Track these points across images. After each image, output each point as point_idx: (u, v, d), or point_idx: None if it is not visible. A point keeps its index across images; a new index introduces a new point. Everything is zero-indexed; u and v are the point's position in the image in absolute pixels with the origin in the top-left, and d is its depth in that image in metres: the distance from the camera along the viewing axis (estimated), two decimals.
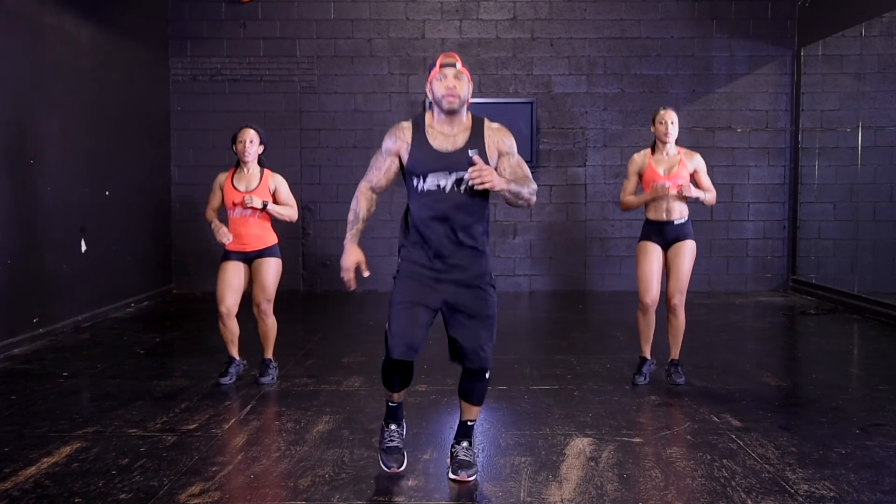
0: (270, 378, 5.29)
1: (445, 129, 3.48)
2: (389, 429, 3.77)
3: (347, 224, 3.64)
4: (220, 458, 3.88)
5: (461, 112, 3.47)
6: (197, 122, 9.49)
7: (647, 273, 5.21)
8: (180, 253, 9.60)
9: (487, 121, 3.55)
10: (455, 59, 3.45)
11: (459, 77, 3.41)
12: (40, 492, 3.45)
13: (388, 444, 3.73)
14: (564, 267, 9.66)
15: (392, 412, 3.79)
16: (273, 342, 5.37)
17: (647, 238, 5.27)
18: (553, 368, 5.74)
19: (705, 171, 5.32)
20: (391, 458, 3.69)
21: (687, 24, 9.56)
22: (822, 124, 9.38)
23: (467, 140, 3.45)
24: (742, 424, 4.41)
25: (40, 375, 5.54)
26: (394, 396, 3.75)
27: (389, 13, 9.55)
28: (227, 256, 5.24)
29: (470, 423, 3.74)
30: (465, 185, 3.40)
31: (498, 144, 3.49)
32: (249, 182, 5.22)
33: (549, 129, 9.56)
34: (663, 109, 5.25)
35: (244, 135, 5.20)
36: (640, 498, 3.41)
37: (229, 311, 5.19)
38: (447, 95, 3.39)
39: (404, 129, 3.53)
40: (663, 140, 5.21)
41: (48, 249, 6.84)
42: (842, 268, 9.06)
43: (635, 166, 5.31)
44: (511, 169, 3.50)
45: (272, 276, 5.25)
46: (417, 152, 3.46)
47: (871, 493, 3.45)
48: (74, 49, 7.38)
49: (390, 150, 3.55)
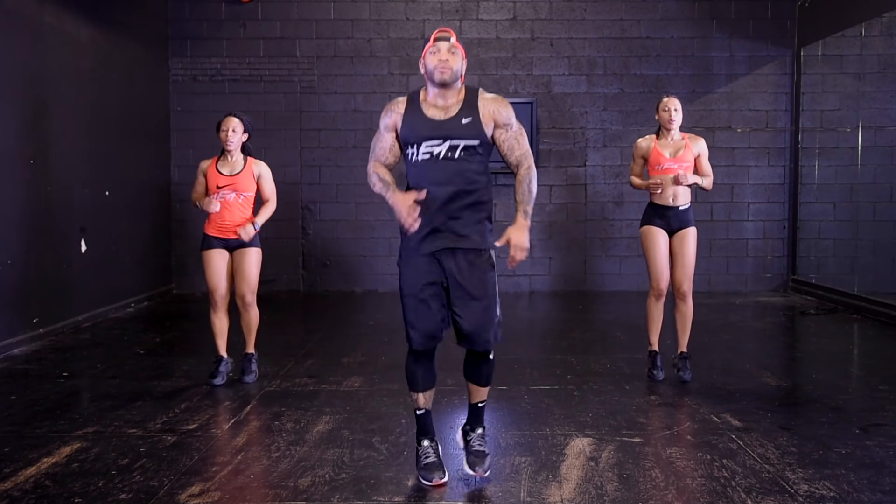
0: (254, 375, 5.33)
1: (439, 101, 3.45)
2: (422, 446, 3.62)
3: (381, 192, 3.50)
4: (220, 458, 3.88)
5: (454, 85, 3.44)
6: (197, 122, 9.49)
7: (659, 258, 5.28)
8: (180, 253, 9.60)
9: (483, 91, 3.52)
10: (449, 33, 3.43)
11: (453, 52, 3.39)
12: (40, 492, 3.45)
13: (424, 462, 3.58)
14: (564, 267, 9.66)
15: (421, 424, 3.65)
16: (255, 335, 5.41)
17: (651, 222, 5.34)
18: (553, 368, 5.74)
19: (707, 155, 5.43)
20: (432, 473, 3.54)
21: (687, 24, 9.56)
22: (822, 124, 9.38)
23: (460, 108, 3.43)
24: (742, 424, 4.41)
25: (40, 375, 5.54)
26: (419, 400, 3.63)
27: (389, 13, 9.55)
28: (208, 244, 5.24)
29: (480, 404, 3.69)
30: (458, 152, 3.38)
31: (494, 115, 3.45)
32: (233, 167, 5.25)
33: (549, 129, 9.56)
34: (666, 97, 5.38)
35: (227, 123, 5.23)
36: (640, 498, 3.41)
37: (223, 299, 5.24)
38: (439, 67, 3.36)
39: (398, 102, 3.52)
40: (667, 126, 5.32)
41: (48, 249, 6.84)
42: (842, 268, 9.06)
43: (640, 150, 5.43)
44: (508, 142, 3.48)
45: (255, 267, 5.28)
46: (410, 121, 3.44)
47: (871, 493, 3.44)
48: (74, 49, 7.38)
49: (388, 125, 3.52)
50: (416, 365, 3.58)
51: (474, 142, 3.42)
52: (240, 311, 5.35)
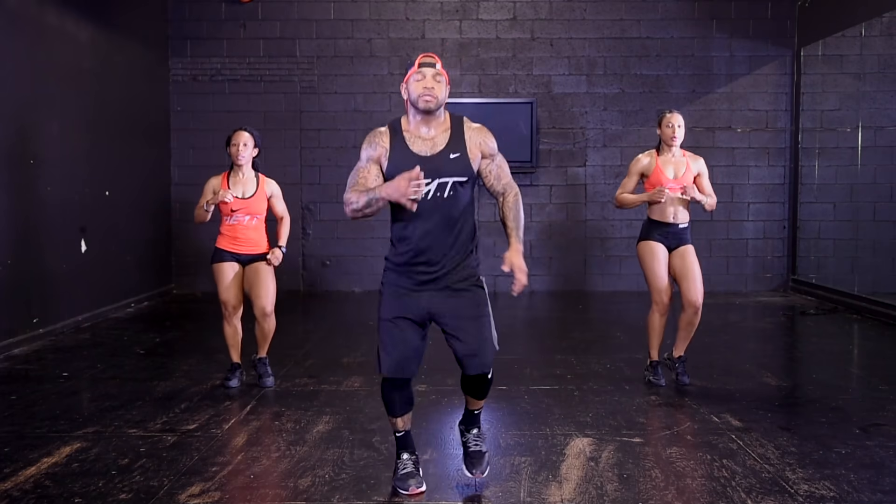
0: (272, 380, 5.26)
1: (422, 131, 3.34)
2: (402, 458, 3.52)
3: (367, 204, 3.26)
4: (220, 458, 3.88)
5: (438, 113, 3.32)
6: (197, 123, 9.49)
7: (659, 274, 5.17)
8: (180, 253, 9.60)
9: (467, 120, 3.42)
10: (435, 59, 3.32)
11: (438, 79, 3.27)
12: (40, 492, 3.45)
13: (401, 472, 3.49)
14: (564, 267, 9.66)
15: (401, 443, 3.56)
16: (270, 342, 5.34)
17: (649, 238, 5.21)
18: (553, 368, 5.74)
19: (707, 176, 5.29)
20: (406, 482, 3.45)
21: (687, 24, 9.56)
22: (822, 124, 9.38)
23: (447, 142, 3.33)
24: (742, 424, 4.41)
25: (40, 375, 5.54)
26: (398, 424, 3.51)
27: (389, 13, 9.55)
28: (220, 257, 5.17)
29: (477, 411, 3.63)
30: (447, 190, 3.27)
31: (481, 146, 3.36)
32: (246, 188, 5.14)
33: (549, 129, 9.56)
34: (669, 113, 5.20)
35: (238, 137, 5.10)
36: (640, 498, 3.41)
37: (235, 311, 5.17)
38: (424, 95, 3.25)
39: (381, 134, 3.38)
40: (669, 143, 5.16)
41: (48, 249, 6.84)
42: (842, 268, 9.06)
43: (640, 166, 5.24)
44: (494, 172, 3.40)
45: (271, 280, 5.19)
46: (397, 158, 3.31)
47: (871, 493, 3.44)
48: (74, 49, 7.38)
49: (371, 157, 3.38)
50: (391, 392, 3.44)
51: (463, 178, 3.31)
52: (257, 320, 5.22)
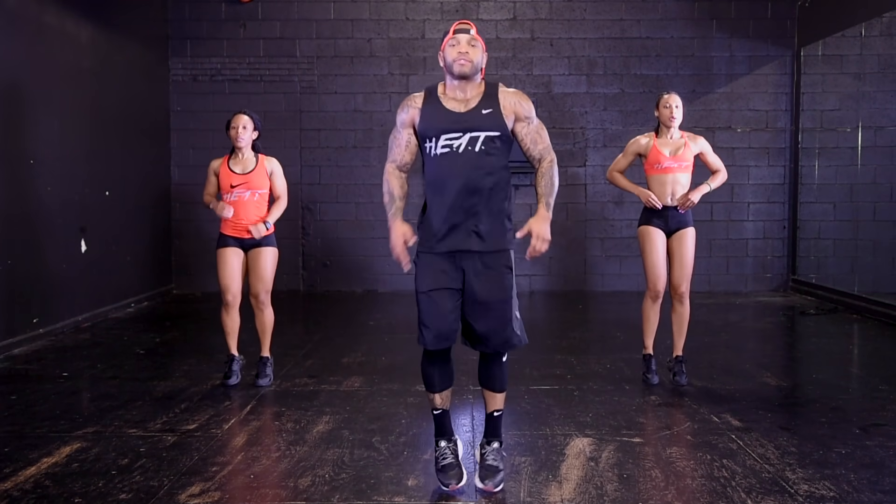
0: (268, 380, 5.27)
1: (458, 94, 3.39)
2: (440, 447, 3.56)
3: (386, 207, 3.50)
4: (220, 458, 3.88)
5: (474, 78, 3.38)
6: (197, 122, 9.49)
7: (656, 260, 5.20)
8: (180, 253, 9.60)
9: (503, 85, 3.46)
10: (470, 25, 3.37)
11: (473, 44, 3.33)
12: (40, 492, 3.45)
13: (442, 463, 3.52)
14: (564, 267, 9.66)
15: (439, 424, 3.60)
16: (270, 337, 5.34)
17: (649, 223, 5.25)
18: (553, 368, 5.74)
19: (711, 150, 5.34)
20: (447, 475, 3.48)
21: (687, 24, 9.56)
22: (822, 124, 9.38)
23: (480, 100, 3.37)
24: (742, 424, 4.41)
25: (40, 375, 5.54)
26: (436, 400, 3.57)
27: (389, 13, 9.55)
28: (224, 242, 5.19)
29: (497, 413, 3.60)
30: (479, 144, 3.31)
31: (515, 107, 3.39)
32: (245, 166, 5.21)
33: (549, 129, 9.44)
34: (667, 94, 5.27)
35: (238, 120, 5.20)
36: (640, 498, 3.41)
37: (235, 299, 5.18)
38: (459, 59, 3.31)
39: (416, 97, 3.45)
40: (667, 124, 5.22)
41: (48, 249, 6.84)
42: (842, 268, 9.06)
43: (637, 146, 5.31)
44: (531, 136, 3.43)
45: (270, 267, 5.23)
46: (428, 114, 3.37)
47: (871, 493, 3.44)
48: (74, 49, 7.38)
49: (405, 121, 3.45)
50: (431, 366, 3.52)
51: (495, 133, 3.34)
52: (254, 311, 5.28)
